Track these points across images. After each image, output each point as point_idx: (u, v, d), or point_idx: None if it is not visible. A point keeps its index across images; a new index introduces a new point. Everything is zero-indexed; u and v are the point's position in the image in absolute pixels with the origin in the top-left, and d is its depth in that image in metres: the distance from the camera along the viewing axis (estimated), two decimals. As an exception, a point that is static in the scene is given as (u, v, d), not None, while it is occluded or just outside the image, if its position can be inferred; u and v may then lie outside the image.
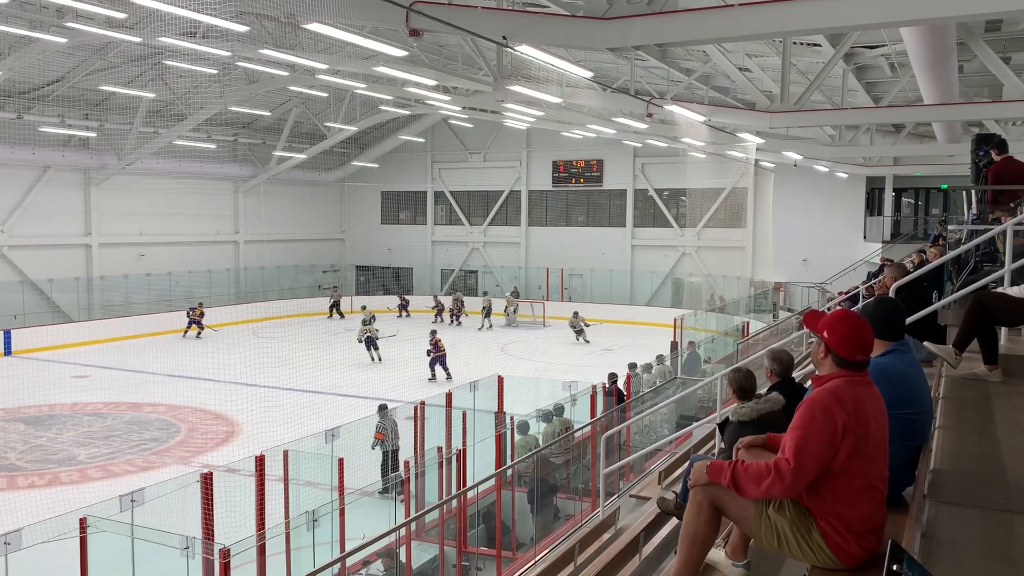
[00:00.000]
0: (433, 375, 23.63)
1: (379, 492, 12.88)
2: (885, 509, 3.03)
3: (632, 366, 18.50)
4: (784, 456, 2.91)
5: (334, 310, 36.81)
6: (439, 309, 36.17)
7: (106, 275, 31.82)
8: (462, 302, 36.51)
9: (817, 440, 2.88)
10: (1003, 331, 5.60)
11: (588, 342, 30.23)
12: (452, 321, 35.42)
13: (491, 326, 34.32)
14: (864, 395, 2.99)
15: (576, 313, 31.26)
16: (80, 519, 8.51)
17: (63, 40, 19.67)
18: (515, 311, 35.80)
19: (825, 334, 3.05)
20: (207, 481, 9.25)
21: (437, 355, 23.70)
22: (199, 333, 31.06)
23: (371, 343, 26.73)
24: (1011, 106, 14.70)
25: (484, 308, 34.97)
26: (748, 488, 3.02)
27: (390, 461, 14.08)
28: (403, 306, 37.61)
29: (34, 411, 19.55)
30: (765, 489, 2.96)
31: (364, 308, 31.51)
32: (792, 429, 2.96)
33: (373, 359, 26.65)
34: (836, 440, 2.87)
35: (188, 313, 31.26)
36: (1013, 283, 5.45)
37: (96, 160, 30.82)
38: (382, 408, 14.82)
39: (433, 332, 24.87)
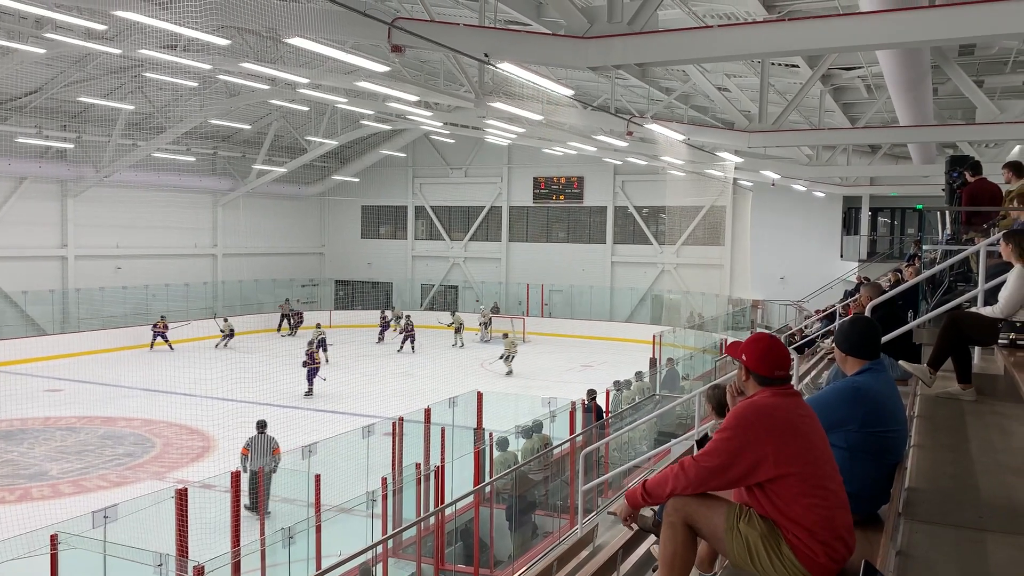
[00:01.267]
0: (310, 390, 23.23)
1: (246, 506, 12.28)
2: (847, 514, 3.06)
3: (616, 384, 18.52)
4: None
5: (284, 322, 36.24)
6: (384, 326, 34.85)
7: (82, 287, 31.44)
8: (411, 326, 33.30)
9: (726, 444, 3.05)
10: (977, 350, 5.67)
11: (510, 373, 27.23)
12: (402, 346, 32.24)
13: (463, 344, 33.52)
14: (787, 404, 3.12)
15: (506, 335, 29.05)
16: (51, 535, 8.38)
17: (41, 51, 19.52)
18: (488, 326, 35.42)
19: (744, 357, 3.24)
20: (182, 497, 9.14)
21: (312, 366, 23.40)
22: (150, 342, 30.81)
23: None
24: (984, 128, 14.98)
25: (455, 326, 33.95)
26: (655, 490, 3.21)
27: (251, 480, 13.01)
28: (293, 322, 35.85)
29: (5, 425, 19.22)
30: (671, 483, 3.14)
31: (225, 320, 32.37)
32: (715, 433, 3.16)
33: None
34: (745, 447, 3.01)
35: (152, 327, 31.01)
36: (986, 303, 5.52)
37: (73, 172, 30.51)
38: (260, 424, 14.05)
39: (310, 343, 24.52)
